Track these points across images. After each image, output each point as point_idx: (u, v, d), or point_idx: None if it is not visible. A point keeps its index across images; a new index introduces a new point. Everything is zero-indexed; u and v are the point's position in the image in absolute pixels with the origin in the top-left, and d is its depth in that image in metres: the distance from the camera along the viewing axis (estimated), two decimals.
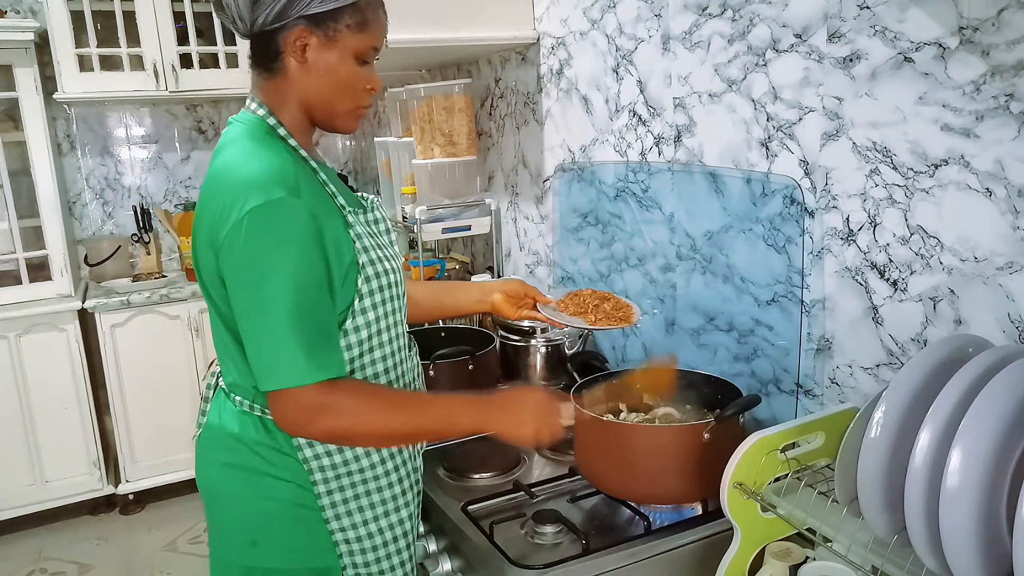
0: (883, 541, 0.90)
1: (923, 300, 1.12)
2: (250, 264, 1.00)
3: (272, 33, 1.08)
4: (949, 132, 1.05)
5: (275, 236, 1.00)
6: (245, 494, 1.15)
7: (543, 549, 1.18)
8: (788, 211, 1.31)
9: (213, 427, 1.18)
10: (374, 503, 1.16)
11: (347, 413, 1.04)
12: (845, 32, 1.17)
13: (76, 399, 2.99)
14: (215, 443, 1.18)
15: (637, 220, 1.69)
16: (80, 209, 3.44)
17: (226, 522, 1.18)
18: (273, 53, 1.10)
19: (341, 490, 1.14)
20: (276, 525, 1.14)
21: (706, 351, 1.54)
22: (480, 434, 1.18)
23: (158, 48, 3.05)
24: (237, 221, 0.99)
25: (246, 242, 0.99)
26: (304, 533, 1.15)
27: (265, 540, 1.15)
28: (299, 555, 1.15)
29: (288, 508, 1.13)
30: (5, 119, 3.02)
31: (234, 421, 1.15)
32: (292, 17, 1.06)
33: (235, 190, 1.02)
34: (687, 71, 1.51)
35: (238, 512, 1.16)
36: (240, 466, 1.14)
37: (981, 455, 0.77)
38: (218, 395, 1.21)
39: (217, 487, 1.18)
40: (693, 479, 1.19)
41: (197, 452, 1.23)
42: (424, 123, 2.23)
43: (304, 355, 1.00)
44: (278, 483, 1.13)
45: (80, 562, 2.82)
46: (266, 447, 1.13)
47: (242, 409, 1.15)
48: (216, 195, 1.04)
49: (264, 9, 1.05)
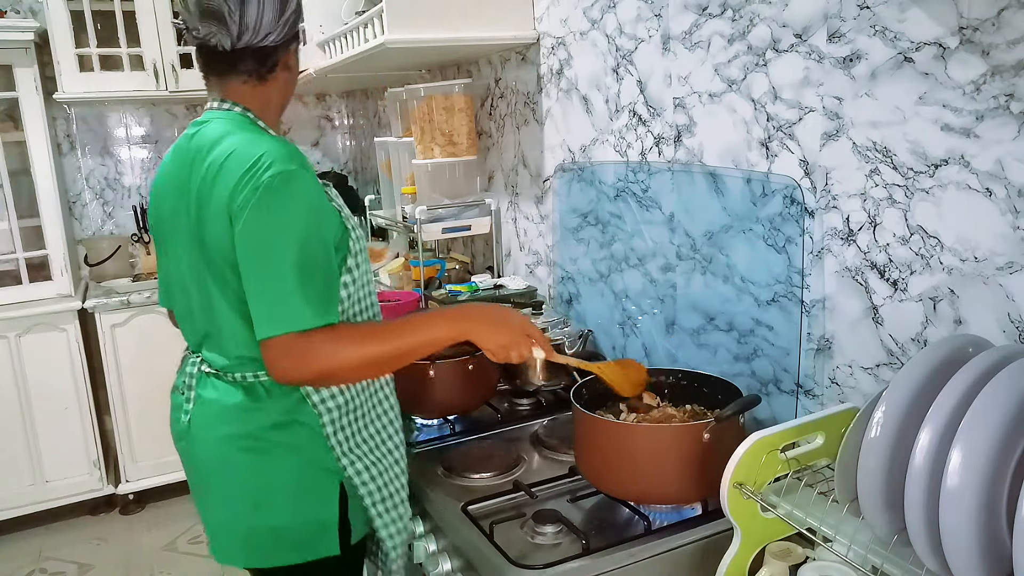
0: (883, 541, 0.90)
1: (923, 300, 1.12)
2: (264, 223, 1.10)
3: (275, 48, 1.23)
4: (949, 132, 1.05)
5: (289, 199, 1.11)
6: (249, 461, 1.22)
7: (543, 549, 1.18)
8: (788, 211, 1.31)
9: (211, 402, 1.24)
10: (371, 435, 1.29)
11: (335, 353, 1.11)
12: (845, 32, 1.17)
13: (76, 399, 2.99)
14: (215, 417, 1.23)
15: (637, 220, 1.69)
16: (80, 209, 3.45)
17: (229, 490, 1.24)
18: (271, 65, 1.24)
19: (349, 425, 1.25)
20: (282, 485, 1.22)
21: (706, 351, 1.54)
22: (459, 341, 1.23)
23: (158, 48, 3.05)
24: (255, 187, 1.09)
25: (261, 203, 1.09)
26: (309, 488, 1.23)
27: (269, 501, 1.22)
28: (304, 509, 1.24)
29: (294, 468, 1.22)
30: (5, 119, 3.02)
31: (235, 394, 1.22)
32: (293, 34, 1.25)
33: (253, 164, 1.11)
34: (687, 71, 1.51)
35: (241, 479, 1.23)
36: (245, 435, 1.21)
37: (981, 455, 0.77)
38: (202, 381, 1.26)
39: (219, 458, 1.24)
40: (693, 479, 1.19)
41: (191, 431, 1.27)
42: (424, 123, 2.23)
43: (307, 303, 1.09)
44: (285, 445, 1.21)
45: (80, 562, 2.82)
46: (278, 413, 1.21)
47: (243, 383, 1.22)
48: (230, 172, 1.13)
49: (281, 26, 1.21)
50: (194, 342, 1.30)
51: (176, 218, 1.24)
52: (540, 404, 1.80)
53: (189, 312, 1.28)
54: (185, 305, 1.29)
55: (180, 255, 1.25)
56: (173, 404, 1.34)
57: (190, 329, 1.31)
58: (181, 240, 1.24)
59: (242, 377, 1.22)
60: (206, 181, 1.16)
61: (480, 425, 1.68)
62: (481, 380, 1.69)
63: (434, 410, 1.68)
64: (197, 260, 1.21)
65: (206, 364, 1.26)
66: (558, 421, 1.65)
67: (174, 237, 1.26)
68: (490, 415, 1.74)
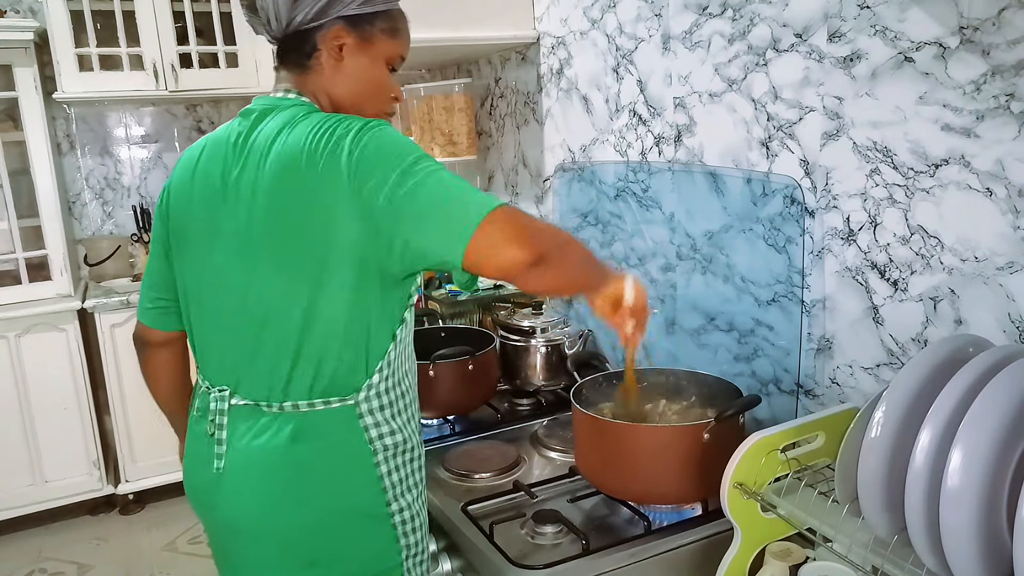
0: (883, 541, 0.90)
1: (923, 300, 1.12)
2: (396, 156, 0.97)
3: (309, 31, 1.09)
4: (949, 132, 1.05)
5: (395, 135, 1.00)
6: (301, 516, 1.07)
7: (543, 549, 1.18)
8: (788, 211, 1.31)
9: (256, 448, 1.07)
10: (416, 482, 1.15)
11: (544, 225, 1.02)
12: (845, 32, 1.17)
13: (76, 399, 2.99)
14: (263, 465, 1.07)
15: (637, 220, 1.69)
16: (80, 209, 3.44)
17: (272, 553, 1.09)
18: (309, 50, 1.10)
19: (397, 469, 1.10)
20: (335, 540, 1.08)
21: (706, 351, 1.54)
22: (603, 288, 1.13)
23: (158, 48, 3.05)
24: (356, 136, 0.98)
25: (378, 144, 0.98)
26: (363, 541, 1.10)
27: (321, 560, 1.08)
28: (361, 562, 1.10)
29: (348, 520, 1.08)
30: (5, 119, 3.02)
31: (288, 431, 1.06)
32: (331, 16, 1.08)
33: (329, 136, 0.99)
34: (687, 71, 1.51)
35: (289, 538, 1.08)
36: (297, 482, 1.06)
37: (981, 455, 0.76)
38: (236, 418, 1.09)
39: (266, 515, 1.08)
40: (693, 479, 1.19)
41: (226, 484, 1.09)
42: (424, 123, 2.23)
43: (478, 194, 0.97)
44: (340, 491, 1.07)
45: (80, 562, 2.81)
46: (329, 451, 1.07)
47: (301, 411, 1.06)
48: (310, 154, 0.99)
49: (304, 8, 1.07)
50: (228, 368, 1.11)
51: (214, 223, 1.08)
52: (540, 404, 1.80)
53: (226, 328, 1.10)
54: (215, 324, 1.12)
55: (218, 265, 1.09)
56: (194, 435, 1.15)
57: (220, 355, 1.12)
58: (222, 249, 1.07)
59: (293, 406, 1.05)
60: (275, 178, 1.01)
61: (480, 425, 1.68)
62: (481, 380, 1.69)
63: (434, 410, 1.68)
64: (255, 265, 1.05)
65: (239, 396, 1.09)
66: (558, 421, 1.65)
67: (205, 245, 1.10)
68: (490, 415, 1.74)
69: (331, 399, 1.06)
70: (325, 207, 0.98)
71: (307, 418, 1.06)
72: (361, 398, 1.07)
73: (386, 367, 1.09)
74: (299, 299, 1.03)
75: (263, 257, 1.04)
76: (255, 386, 1.08)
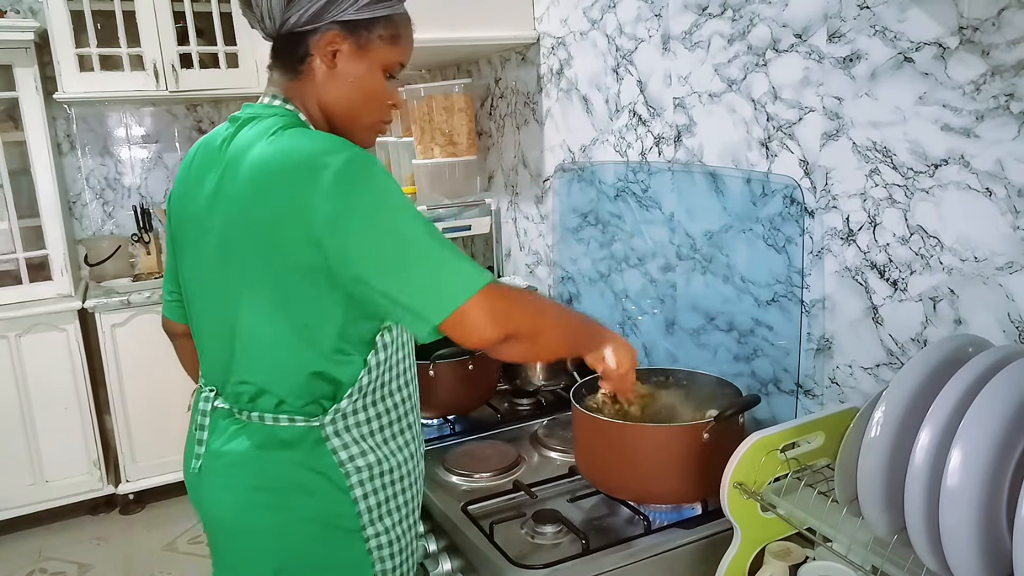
0: (883, 541, 0.90)
1: (923, 300, 1.12)
2: (374, 208, 0.95)
3: (302, 35, 1.05)
4: (949, 132, 1.05)
5: (377, 179, 0.97)
6: (271, 520, 1.07)
7: (543, 549, 1.18)
8: (788, 211, 1.31)
9: (226, 453, 1.08)
10: (399, 505, 1.12)
11: (523, 303, 1.02)
12: (845, 32, 1.17)
13: (76, 399, 2.99)
14: (230, 469, 1.08)
15: (637, 220, 1.69)
16: (80, 209, 3.45)
17: (247, 553, 1.10)
18: (301, 55, 1.07)
19: (375, 492, 1.09)
20: (306, 548, 1.07)
21: (706, 351, 1.54)
22: (592, 352, 1.16)
23: (158, 48, 3.05)
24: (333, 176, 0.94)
25: (354, 191, 0.95)
26: (334, 552, 1.08)
27: (292, 566, 1.07)
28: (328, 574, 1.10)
29: (318, 528, 1.07)
30: (5, 119, 3.02)
31: (255, 440, 1.06)
32: (326, 21, 1.04)
33: (312, 158, 0.96)
34: (687, 71, 1.51)
35: (261, 541, 1.08)
36: (266, 488, 1.06)
37: (981, 455, 0.77)
38: (216, 420, 1.11)
39: (238, 516, 1.09)
40: (693, 479, 1.19)
41: (204, 483, 1.11)
42: (424, 123, 2.23)
43: (466, 264, 0.97)
44: (310, 500, 1.06)
45: (80, 562, 2.82)
46: (297, 464, 1.05)
47: (267, 424, 1.06)
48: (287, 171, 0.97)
49: (298, 9, 1.03)
50: (214, 370, 1.13)
51: (201, 228, 1.08)
52: (540, 404, 1.80)
53: (210, 334, 1.12)
54: (205, 327, 1.13)
55: (204, 270, 1.10)
56: (188, 435, 1.17)
57: (209, 357, 1.14)
58: (207, 255, 1.08)
59: (265, 417, 1.06)
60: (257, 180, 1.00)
61: (480, 425, 1.68)
62: (481, 380, 1.70)
63: (434, 410, 1.68)
64: (227, 275, 1.05)
65: (220, 399, 1.11)
66: (558, 421, 1.66)
67: (195, 249, 1.11)
68: (490, 415, 1.74)
69: (296, 418, 1.06)
70: (289, 230, 0.96)
71: (274, 432, 1.06)
72: (327, 420, 1.06)
73: (356, 392, 1.07)
74: (261, 318, 1.03)
75: (233, 269, 1.04)
76: (229, 393, 1.10)
